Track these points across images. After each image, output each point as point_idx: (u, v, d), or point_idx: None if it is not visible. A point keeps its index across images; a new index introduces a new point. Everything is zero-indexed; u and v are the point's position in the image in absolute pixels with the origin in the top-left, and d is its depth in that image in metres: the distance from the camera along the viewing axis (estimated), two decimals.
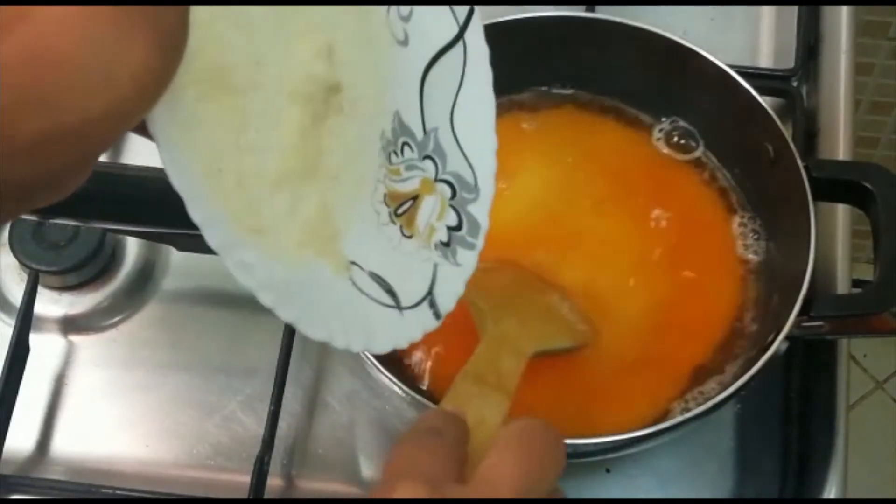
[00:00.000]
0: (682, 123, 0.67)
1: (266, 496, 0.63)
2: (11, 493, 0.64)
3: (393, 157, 0.48)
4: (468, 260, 0.49)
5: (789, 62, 0.74)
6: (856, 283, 0.66)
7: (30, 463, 0.66)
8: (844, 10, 0.75)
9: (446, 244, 0.49)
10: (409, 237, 0.48)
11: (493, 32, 0.64)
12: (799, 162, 0.60)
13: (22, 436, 0.67)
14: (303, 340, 0.67)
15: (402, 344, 0.45)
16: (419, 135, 0.49)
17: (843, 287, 0.66)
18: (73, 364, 0.69)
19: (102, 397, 0.68)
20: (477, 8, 0.49)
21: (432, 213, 0.49)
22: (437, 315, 0.47)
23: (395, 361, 0.61)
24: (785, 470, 0.64)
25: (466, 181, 0.49)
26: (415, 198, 0.48)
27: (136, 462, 0.66)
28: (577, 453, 0.59)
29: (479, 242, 0.49)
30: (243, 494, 0.62)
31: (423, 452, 0.41)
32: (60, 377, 0.69)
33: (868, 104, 1.29)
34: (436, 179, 0.49)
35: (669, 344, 0.62)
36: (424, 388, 0.60)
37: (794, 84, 0.73)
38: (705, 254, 0.64)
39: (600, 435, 0.56)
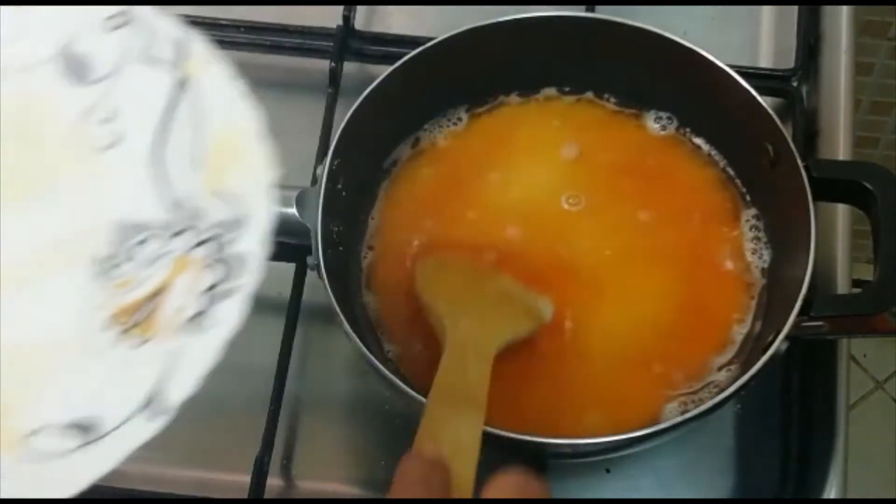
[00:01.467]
0: (682, 123, 0.67)
1: (266, 496, 0.63)
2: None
3: (115, 271, 0.45)
4: (229, 311, 0.45)
5: (789, 62, 0.73)
6: (856, 283, 0.66)
7: None
8: (844, 10, 0.75)
9: (200, 314, 0.45)
10: (146, 341, 0.45)
11: (493, 32, 0.65)
12: (799, 162, 0.60)
13: None
14: (303, 340, 0.67)
15: (93, 478, 0.43)
16: (159, 218, 0.46)
17: (843, 287, 0.66)
18: None
19: None
20: (478, 8, 0.47)
21: (186, 292, 0.45)
22: (162, 412, 0.44)
23: (395, 361, 0.61)
24: (785, 470, 0.64)
25: (232, 220, 0.46)
26: (158, 291, 0.45)
27: (136, 462, 0.66)
28: (577, 453, 0.59)
29: (249, 279, 0.45)
30: (243, 494, 0.62)
31: None
32: None
33: (868, 104, 1.29)
34: (192, 248, 0.46)
35: (670, 341, 0.62)
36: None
37: (794, 84, 0.73)
38: (707, 254, 0.64)
39: (600, 435, 0.56)
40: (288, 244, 0.61)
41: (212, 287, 0.45)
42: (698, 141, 0.67)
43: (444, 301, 0.58)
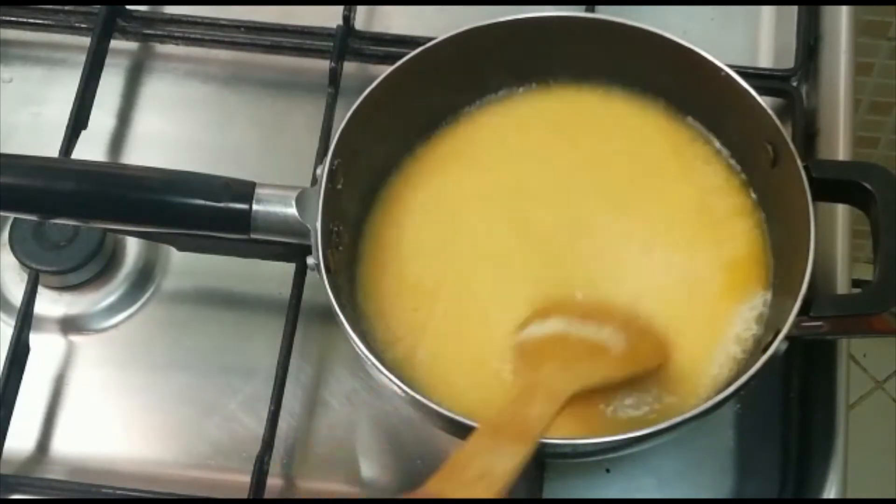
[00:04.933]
0: (681, 123, 0.67)
1: (266, 496, 0.63)
2: (11, 493, 0.64)
3: None
4: None
5: (789, 62, 0.73)
6: (856, 283, 0.66)
7: (30, 463, 0.66)
8: (844, 10, 0.75)
9: None
10: None
11: (494, 32, 0.64)
12: (799, 162, 0.60)
13: (22, 436, 0.66)
14: (303, 340, 0.67)
15: None
16: None
17: (843, 287, 0.66)
18: (73, 364, 0.69)
19: (102, 397, 0.68)
20: (478, 8, 0.48)
21: None
22: None
23: (395, 360, 0.61)
24: (785, 470, 0.64)
25: None
26: None
27: (136, 462, 0.66)
28: (577, 453, 0.59)
29: None
30: (243, 494, 0.62)
31: None
32: (60, 377, 0.69)
33: (868, 104, 1.29)
34: None
35: (670, 341, 0.62)
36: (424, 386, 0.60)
37: (794, 84, 0.73)
38: (706, 253, 0.64)
39: (600, 435, 0.56)
40: (288, 244, 0.62)
41: None
42: (698, 140, 0.67)
43: (533, 364, 0.57)
